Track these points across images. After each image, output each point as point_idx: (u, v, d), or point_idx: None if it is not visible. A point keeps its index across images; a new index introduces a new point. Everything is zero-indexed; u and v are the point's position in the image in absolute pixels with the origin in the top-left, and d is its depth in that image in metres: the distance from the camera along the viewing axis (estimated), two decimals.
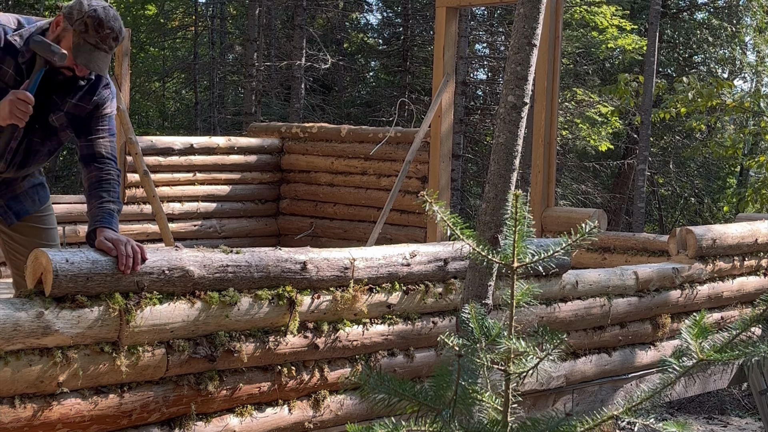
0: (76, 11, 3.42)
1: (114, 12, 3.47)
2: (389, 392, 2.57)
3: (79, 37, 3.40)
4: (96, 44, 3.40)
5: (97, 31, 3.39)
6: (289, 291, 3.57)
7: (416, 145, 7.70)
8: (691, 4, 19.64)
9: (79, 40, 3.39)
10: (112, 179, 3.56)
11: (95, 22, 3.39)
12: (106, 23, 3.41)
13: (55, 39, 3.44)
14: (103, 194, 3.50)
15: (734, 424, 7.82)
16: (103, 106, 3.63)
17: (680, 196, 19.99)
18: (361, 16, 21.60)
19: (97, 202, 3.47)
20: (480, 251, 2.77)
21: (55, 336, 3.00)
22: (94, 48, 3.40)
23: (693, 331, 2.59)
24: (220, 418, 3.51)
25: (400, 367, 4.04)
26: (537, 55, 3.47)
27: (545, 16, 5.82)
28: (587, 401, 4.97)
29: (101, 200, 3.47)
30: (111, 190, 3.52)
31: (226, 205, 8.97)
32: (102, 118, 3.63)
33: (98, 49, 3.41)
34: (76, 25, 3.40)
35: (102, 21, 3.40)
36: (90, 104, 3.59)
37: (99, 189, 3.51)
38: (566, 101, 16.11)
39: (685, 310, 5.41)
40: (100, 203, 3.47)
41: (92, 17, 3.39)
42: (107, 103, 3.65)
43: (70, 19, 3.42)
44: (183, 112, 23.35)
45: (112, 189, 3.53)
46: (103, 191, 3.51)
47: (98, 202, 3.47)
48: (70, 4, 3.47)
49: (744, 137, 13.60)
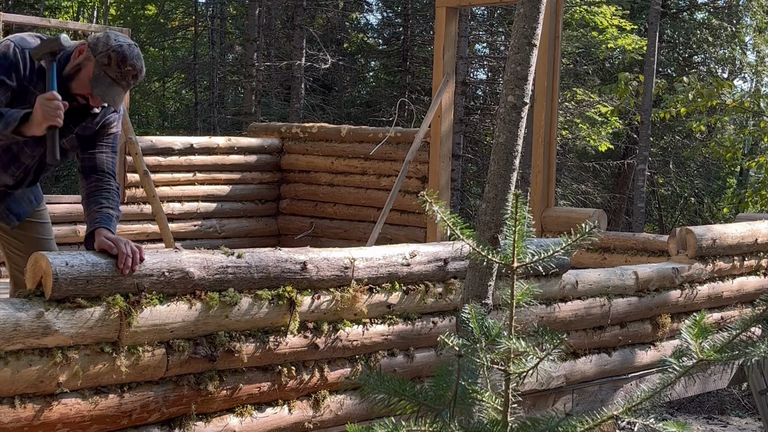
0: (102, 43, 3.46)
1: (138, 51, 3.52)
2: (389, 392, 2.57)
3: (100, 69, 3.43)
4: (116, 79, 3.43)
5: (119, 66, 3.43)
6: (289, 291, 3.57)
7: (416, 145, 7.70)
8: (691, 4, 19.64)
9: (100, 72, 3.43)
10: (111, 189, 3.62)
11: (119, 57, 3.43)
12: (129, 60, 3.44)
13: (75, 66, 3.47)
14: (102, 200, 3.56)
15: (734, 424, 7.82)
16: (110, 126, 3.69)
17: (680, 196, 19.99)
18: (361, 16, 21.62)
19: (96, 207, 3.53)
20: (480, 251, 2.77)
21: (55, 336, 3.01)
22: (113, 82, 3.44)
23: (693, 331, 2.59)
24: (220, 418, 3.51)
25: (400, 367, 4.04)
26: (537, 55, 3.47)
27: (545, 16, 5.81)
28: (587, 401, 4.97)
29: (100, 205, 3.53)
30: (110, 198, 3.59)
31: (226, 205, 8.98)
32: (107, 136, 3.69)
33: (117, 84, 3.44)
34: (100, 57, 3.43)
35: (126, 57, 3.44)
36: (97, 125, 3.66)
37: (98, 196, 3.57)
38: (566, 101, 16.11)
39: (685, 310, 5.41)
40: (99, 208, 3.52)
41: (117, 52, 3.43)
42: (114, 123, 3.71)
43: (94, 49, 3.45)
44: (183, 112, 23.36)
45: (112, 198, 3.60)
46: (102, 198, 3.57)
47: (97, 207, 3.53)
48: (98, 35, 3.52)
49: (744, 137, 13.60)
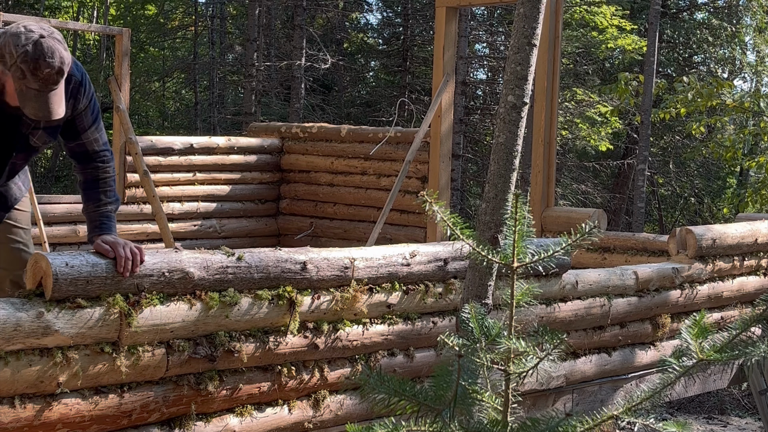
0: (8, 55, 2.98)
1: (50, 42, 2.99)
2: (389, 392, 2.57)
3: (19, 84, 2.99)
4: (39, 89, 2.99)
5: (36, 74, 2.96)
6: (289, 291, 3.57)
7: (416, 145, 7.70)
8: (691, 4, 19.64)
9: (21, 87, 2.99)
10: (108, 177, 3.42)
11: (31, 66, 2.95)
12: (43, 63, 2.95)
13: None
14: (101, 196, 3.41)
15: (734, 424, 7.82)
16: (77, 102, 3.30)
17: (680, 196, 19.99)
18: (361, 16, 21.61)
19: (95, 205, 3.39)
20: (480, 251, 2.77)
21: (55, 336, 3.01)
22: (38, 93, 3.00)
23: (693, 331, 2.59)
24: (220, 418, 3.51)
25: (400, 367, 4.04)
26: (537, 55, 3.47)
27: (545, 16, 5.81)
28: (587, 401, 4.97)
29: (99, 203, 3.39)
30: (108, 190, 3.42)
31: (226, 205, 8.98)
32: (82, 114, 3.33)
33: (44, 92, 3.00)
34: (13, 71, 2.98)
35: (37, 62, 2.95)
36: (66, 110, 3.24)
37: (96, 189, 3.41)
38: (566, 101, 16.11)
39: (685, 310, 5.41)
40: (98, 206, 3.38)
41: (25, 62, 2.95)
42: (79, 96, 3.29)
43: (3, 63, 3.00)
44: (183, 112, 23.35)
45: (109, 188, 3.42)
46: (101, 192, 3.41)
47: (96, 205, 3.39)
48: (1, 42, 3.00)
49: (744, 137, 13.58)
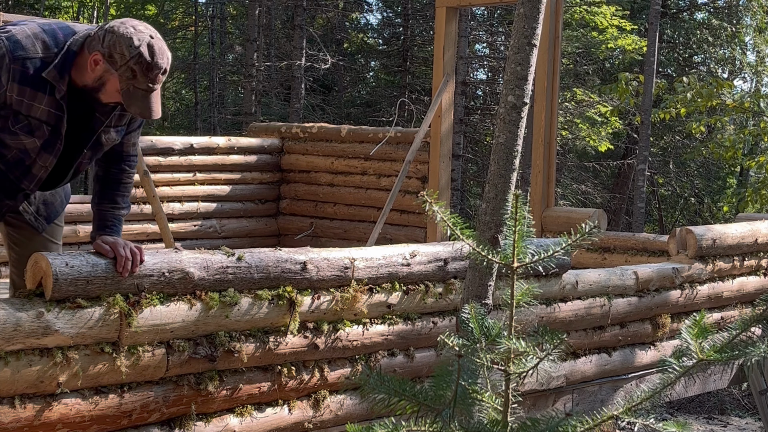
0: (118, 54, 3.02)
1: (160, 43, 3.07)
2: (389, 392, 2.57)
3: (127, 84, 3.04)
4: (147, 89, 3.06)
5: (147, 75, 3.03)
6: (289, 291, 3.57)
7: (416, 145, 7.70)
8: (691, 4, 19.64)
9: (128, 87, 3.05)
10: (129, 182, 3.42)
11: (144, 68, 3.02)
12: (154, 65, 3.03)
13: (97, 80, 3.09)
14: (118, 198, 3.38)
15: (734, 424, 7.82)
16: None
17: (680, 196, 19.99)
18: (361, 16, 21.61)
19: (110, 205, 3.36)
20: (480, 251, 2.77)
21: (55, 336, 3.01)
22: (146, 93, 3.06)
23: (693, 331, 2.59)
24: (220, 418, 3.51)
25: (400, 367, 4.04)
26: (537, 55, 3.47)
27: (545, 16, 5.81)
28: (587, 401, 4.97)
29: (115, 204, 3.37)
30: (126, 195, 3.40)
31: (226, 205, 8.97)
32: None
33: (150, 92, 3.07)
34: (122, 71, 3.03)
35: (150, 64, 3.02)
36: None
37: (116, 191, 3.38)
38: (566, 101, 16.11)
39: (685, 310, 5.41)
40: (112, 207, 3.36)
41: (140, 63, 3.01)
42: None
43: (112, 62, 3.03)
44: (183, 112, 23.36)
45: (127, 193, 3.41)
46: (118, 195, 3.38)
47: (111, 205, 3.36)
48: (108, 41, 3.04)
49: (744, 137, 13.59)
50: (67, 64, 3.10)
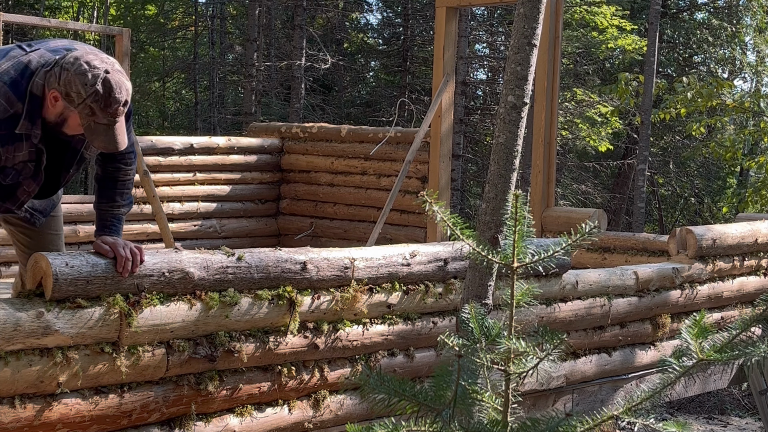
0: (74, 93, 2.98)
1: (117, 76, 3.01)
2: (389, 392, 2.57)
3: (87, 120, 3.01)
4: (109, 123, 3.02)
5: (106, 111, 2.99)
6: (289, 291, 3.57)
7: (416, 145, 7.70)
8: (691, 4, 19.64)
9: (89, 123, 3.02)
10: (128, 179, 3.42)
11: (101, 105, 2.97)
12: (113, 100, 2.98)
13: (58, 116, 3.08)
14: (116, 197, 3.39)
15: (734, 424, 7.82)
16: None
17: (680, 196, 20.00)
18: (361, 16, 21.62)
19: (108, 204, 3.38)
20: (480, 251, 2.77)
21: (56, 336, 3.01)
22: (107, 127, 3.02)
23: (693, 331, 2.59)
24: (220, 418, 3.51)
25: (400, 367, 4.04)
26: (537, 55, 3.47)
27: (545, 16, 5.82)
28: (587, 401, 4.97)
29: (113, 203, 3.38)
30: (125, 192, 3.41)
31: (226, 205, 8.98)
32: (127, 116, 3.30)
33: (112, 126, 3.03)
34: (80, 109, 3.00)
35: (108, 99, 2.97)
36: None
37: (114, 189, 3.40)
38: (566, 101, 16.11)
39: (685, 310, 5.41)
40: (111, 206, 3.38)
41: (96, 101, 2.96)
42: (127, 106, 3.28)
43: (69, 101, 3.00)
44: (183, 112, 23.37)
45: (127, 190, 3.42)
46: (117, 193, 3.40)
47: (109, 204, 3.38)
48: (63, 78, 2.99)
49: (744, 137, 13.59)
50: (35, 109, 3.08)
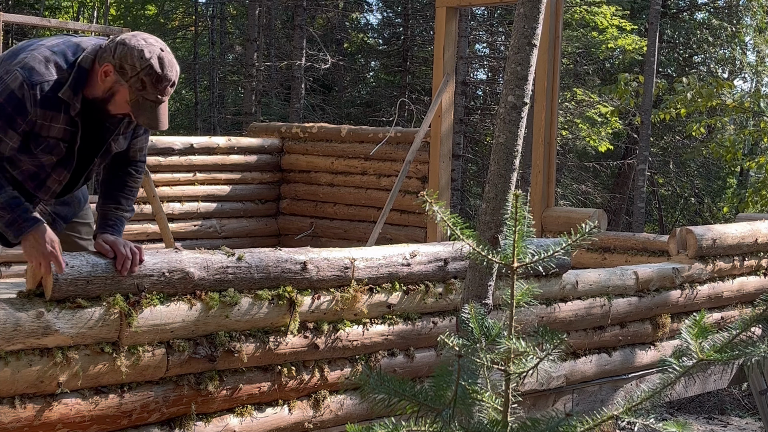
0: (129, 66, 3.09)
1: (169, 56, 3.15)
2: (389, 392, 2.57)
3: (136, 95, 3.11)
4: (156, 100, 3.12)
5: (156, 87, 3.10)
6: (289, 291, 3.57)
7: (416, 145, 7.70)
8: (691, 4, 19.64)
9: (137, 98, 3.12)
10: (135, 187, 3.47)
11: (153, 79, 3.09)
12: (164, 77, 3.10)
13: (107, 91, 3.15)
14: (122, 200, 3.42)
15: (734, 424, 7.82)
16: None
17: (680, 196, 19.99)
18: (361, 16, 21.61)
19: (114, 206, 3.40)
20: (480, 251, 2.77)
21: (56, 336, 3.01)
22: (154, 104, 3.13)
23: (693, 331, 2.59)
24: (220, 418, 3.51)
25: (400, 367, 4.04)
26: (537, 55, 3.47)
27: (545, 16, 5.81)
28: (587, 401, 4.97)
29: (119, 206, 3.40)
30: (131, 198, 3.45)
31: (226, 205, 8.97)
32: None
33: (158, 103, 3.14)
34: (132, 82, 3.10)
35: (160, 76, 3.09)
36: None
37: (121, 193, 3.43)
38: (566, 101, 16.11)
39: (685, 310, 5.41)
40: (117, 207, 3.40)
41: (150, 75, 3.09)
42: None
43: (122, 73, 3.10)
44: (183, 112, 23.36)
45: (132, 196, 3.46)
46: (123, 197, 3.42)
47: (115, 206, 3.40)
48: (120, 53, 3.11)
49: (744, 138, 13.58)
50: (80, 81, 3.17)
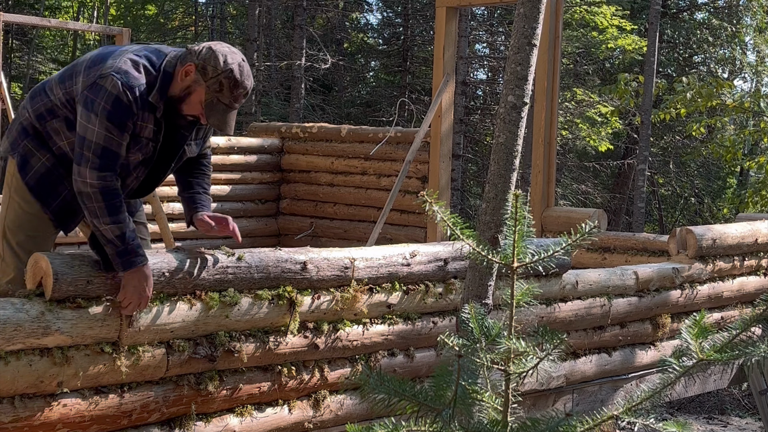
0: (211, 67, 3.28)
1: (248, 67, 3.35)
2: (389, 392, 2.57)
3: (212, 95, 3.29)
4: (229, 104, 3.31)
5: (232, 92, 3.29)
6: (289, 291, 3.58)
7: (416, 145, 7.70)
8: (691, 4, 19.64)
9: (212, 98, 3.30)
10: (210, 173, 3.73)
11: (231, 83, 3.28)
12: (241, 83, 3.30)
13: (185, 89, 3.32)
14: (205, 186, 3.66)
15: (734, 424, 7.82)
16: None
17: (680, 196, 19.99)
18: (361, 16, 21.60)
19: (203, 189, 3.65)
20: (480, 251, 2.77)
21: (56, 336, 3.01)
22: (227, 108, 3.31)
23: (693, 331, 2.59)
24: (220, 418, 3.51)
25: (400, 367, 4.04)
26: (537, 55, 3.47)
27: (545, 16, 5.81)
28: (587, 401, 4.97)
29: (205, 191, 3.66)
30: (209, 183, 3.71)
31: (226, 205, 8.96)
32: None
33: (230, 108, 3.32)
34: (211, 83, 3.28)
35: (238, 82, 3.28)
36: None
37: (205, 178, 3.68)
38: (566, 101, 16.11)
39: (685, 310, 5.41)
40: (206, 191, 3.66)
41: (229, 78, 3.27)
42: None
43: (203, 74, 3.29)
44: None
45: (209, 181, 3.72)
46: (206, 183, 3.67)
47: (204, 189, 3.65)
48: (204, 54, 3.31)
49: (744, 138, 13.58)
50: (165, 85, 3.34)
